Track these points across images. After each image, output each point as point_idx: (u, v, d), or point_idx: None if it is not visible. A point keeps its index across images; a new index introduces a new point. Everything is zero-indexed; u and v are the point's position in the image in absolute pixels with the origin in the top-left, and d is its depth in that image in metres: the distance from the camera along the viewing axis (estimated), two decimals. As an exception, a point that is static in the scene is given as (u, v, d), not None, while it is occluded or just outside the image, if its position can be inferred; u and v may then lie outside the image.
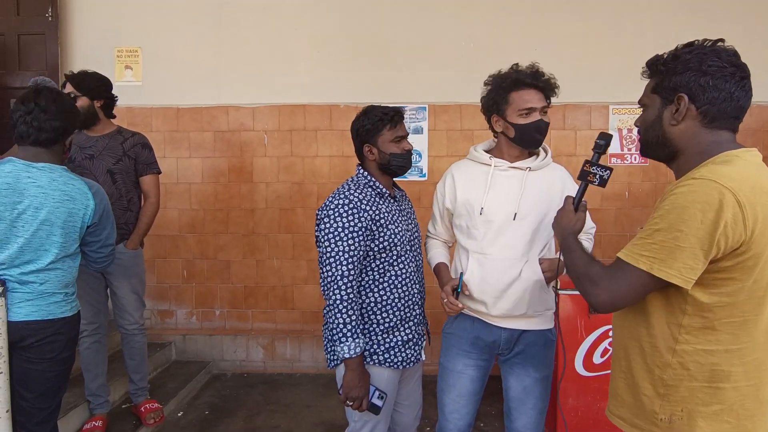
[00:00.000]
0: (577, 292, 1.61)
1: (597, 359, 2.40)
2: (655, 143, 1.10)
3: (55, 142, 1.65)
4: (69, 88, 2.32)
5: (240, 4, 3.41)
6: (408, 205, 1.78)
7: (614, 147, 3.34)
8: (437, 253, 1.76)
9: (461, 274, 1.59)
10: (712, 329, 0.98)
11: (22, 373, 1.62)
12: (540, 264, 1.58)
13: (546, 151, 1.67)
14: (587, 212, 1.61)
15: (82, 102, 2.31)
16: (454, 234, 1.74)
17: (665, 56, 1.07)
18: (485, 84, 1.67)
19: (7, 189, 1.55)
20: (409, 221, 1.73)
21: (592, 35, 3.34)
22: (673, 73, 1.04)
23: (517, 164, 1.61)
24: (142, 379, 2.61)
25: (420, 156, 3.39)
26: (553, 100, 1.64)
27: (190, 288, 3.54)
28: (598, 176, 1.29)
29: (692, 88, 1.01)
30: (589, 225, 1.69)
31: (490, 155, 1.65)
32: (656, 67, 1.08)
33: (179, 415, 2.85)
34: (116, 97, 2.48)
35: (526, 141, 1.59)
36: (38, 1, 3.29)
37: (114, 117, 2.50)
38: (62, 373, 1.69)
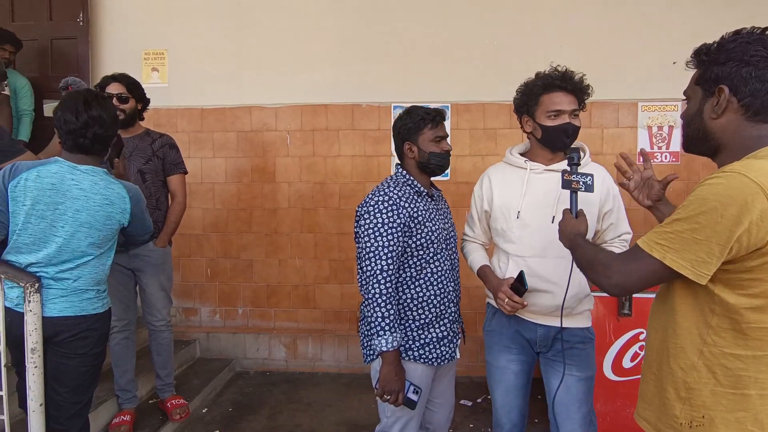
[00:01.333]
0: (605, 294, 1.59)
1: (627, 363, 2.33)
2: (696, 137, 1.06)
3: (102, 150, 1.72)
4: (118, 89, 2.37)
5: (262, 6, 3.44)
6: (444, 204, 1.81)
7: (644, 145, 3.24)
8: (478, 257, 1.76)
9: (522, 272, 1.56)
10: (741, 333, 0.94)
11: (56, 368, 1.67)
12: None
13: (584, 152, 1.64)
14: (625, 217, 1.61)
15: (132, 104, 2.39)
16: (491, 236, 1.75)
17: (711, 45, 1.02)
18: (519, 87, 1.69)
19: (51, 189, 1.59)
20: (446, 220, 1.75)
21: (620, 30, 3.25)
22: (715, 63, 0.99)
23: (552, 167, 1.61)
24: (168, 375, 2.66)
25: (442, 155, 3.37)
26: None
27: (213, 286, 3.59)
28: (581, 183, 1.37)
29: (734, 80, 0.97)
30: (625, 230, 1.66)
31: (525, 158, 1.65)
32: (700, 57, 1.03)
33: (203, 411, 2.90)
34: (149, 100, 2.54)
35: (553, 143, 1.60)
36: (70, 6, 3.39)
37: (143, 119, 2.56)
38: (94, 369, 1.74)
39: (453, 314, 1.71)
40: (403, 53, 3.37)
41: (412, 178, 1.66)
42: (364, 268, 1.57)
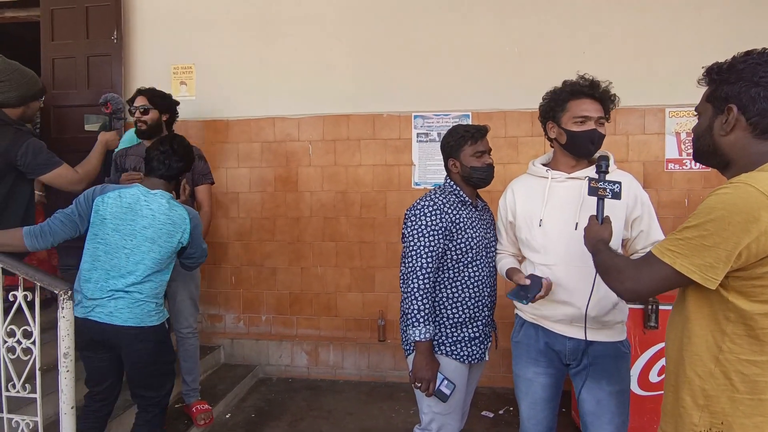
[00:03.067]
0: (631, 306, 1.55)
1: (654, 378, 2.26)
2: (706, 152, 1.11)
3: (174, 178, 1.99)
4: (141, 101, 2.48)
5: (285, 19, 3.52)
6: (489, 216, 1.90)
7: (672, 152, 3.16)
8: (508, 261, 1.79)
9: (531, 276, 1.59)
10: (756, 339, 0.96)
11: (127, 370, 1.89)
12: None
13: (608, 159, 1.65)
14: (658, 225, 1.60)
15: (153, 115, 2.49)
16: (519, 247, 1.78)
17: (723, 64, 1.06)
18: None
19: (127, 208, 1.84)
20: (488, 230, 1.83)
21: (647, 34, 3.18)
22: (725, 82, 1.04)
23: (574, 174, 1.62)
24: (194, 380, 2.72)
25: (463, 164, 3.36)
26: None
27: (238, 294, 3.67)
28: (608, 190, 1.39)
29: (743, 99, 1.01)
30: (657, 237, 1.62)
31: (547, 168, 1.67)
32: (711, 76, 1.08)
33: (227, 416, 2.95)
34: (178, 113, 2.64)
35: (578, 149, 1.60)
36: (105, 25, 3.55)
37: (172, 130, 2.65)
38: (157, 372, 1.90)
39: (486, 317, 1.80)
40: (423, 62, 3.39)
41: (457, 188, 1.79)
42: (406, 264, 1.70)
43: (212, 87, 3.61)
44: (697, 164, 3.14)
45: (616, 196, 1.40)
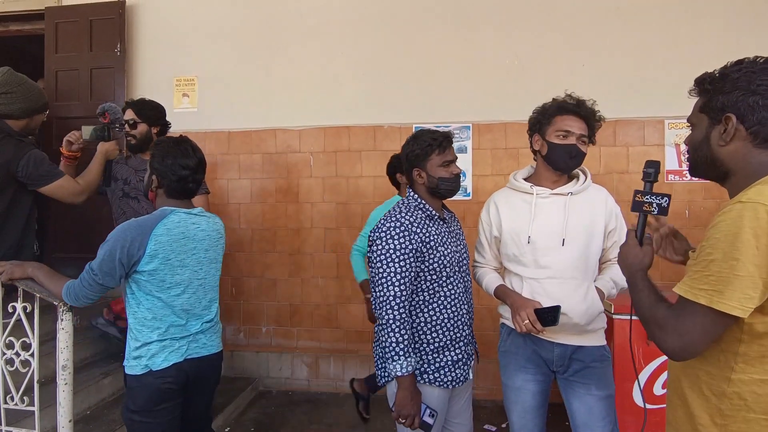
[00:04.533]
0: (635, 317, 1.54)
1: (658, 390, 2.24)
2: (703, 164, 1.07)
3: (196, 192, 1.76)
4: (129, 115, 2.48)
5: (287, 32, 3.56)
6: (457, 226, 1.81)
7: (672, 163, 3.17)
8: (493, 278, 1.77)
9: (559, 307, 1.55)
10: None
11: (201, 402, 1.76)
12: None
13: (585, 174, 1.72)
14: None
15: (142, 128, 2.46)
16: (501, 261, 1.79)
17: (714, 74, 1.04)
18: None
19: (183, 238, 1.63)
20: (458, 242, 1.76)
21: (646, 46, 3.21)
22: (720, 92, 1.01)
23: (558, 190, 1.68)
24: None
25: (464, 175, 3.36)
26: (605, 115, 1.69)
27: (238, 305, 3.65)
28: (654, 205, 1.19)
29: (741, 108, 0.98)
30: None
31: (531, 184, 1.70)
32: (704, 86, 1.05)
33: (226, 430, 2.91)
34: (170, 124, 2.63)
35: (557, 161, 1.65)
36: (108, 38, 3.59)
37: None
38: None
39: (467, 337, 1.73)
40: (424, 74, 3.41)
41: (423, 202, 1.67)
42: (377, 293, 1.58)
43: (214, 99, 3.64)
44: (698, 175, 3.17)
45: (663, 211, 1.18)
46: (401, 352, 1.53)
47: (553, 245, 1.62)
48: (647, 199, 1.20)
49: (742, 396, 0.96)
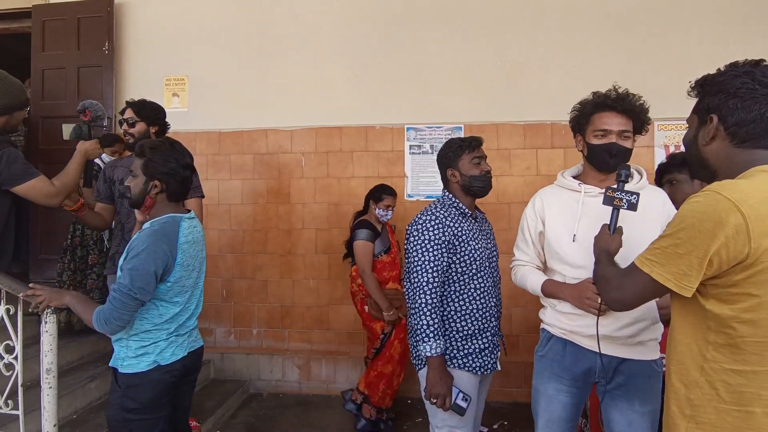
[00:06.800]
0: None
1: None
2: (693, 162, 1.14)
3: None
4: (129, 114, 2.44)
5: (280, 33, 3.54)
6: (488, 226, 1.92)
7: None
8: (538, 275, 1.68)
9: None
10: (737, 347, 0.96)
11: (186, 397, 1.77)
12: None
13: (641, 174, 1.61)
14: None
15: (140, 128, 2.43)
16: (545, 259, 1.69)
17: (708, 76, 1.09)
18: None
19: (193, 242, 1.66)
20: (488, 240, 1.86)
21: (636, 49, 3.24)
22: (708, 94, 1.07)
23: None
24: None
25: (456, 176, 3.36)
26: None
27: (228, 307, 3.61)
28: (625, 201, 1.37)
29: (722, 110, 1.04)
30: None
31: (579, 182, 1.62)
32: (699, 88, 1.11)
33: (216, 434, 2.88)
34: (169, 125, 2.60)
35: (599, 162, 1.58)
36: (97, 36, 3.55)
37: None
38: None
39: (494, 328, 1.81)
40: (416, 75, 3.41)
41: (457, 200, 1.79)
42: (412, 280, 1.69)
43: (205, 99, 3.61)
44: (687, 176, 3.20)
45: (632, 207, 1.36)
46: (431, 334, 1.64)
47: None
48: (618, 195, 1.39)
49: (714, 385, 0.98)
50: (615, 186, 1.40)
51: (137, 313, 1.56)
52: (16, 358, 1.79)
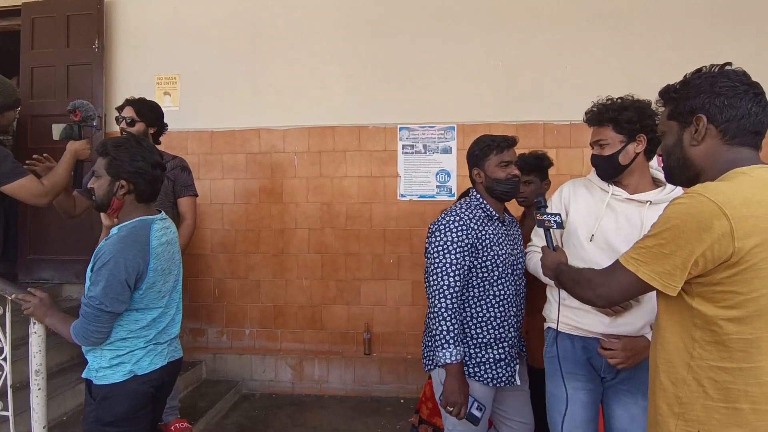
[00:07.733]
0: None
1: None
2: (677, 167, 1.14)
3: None
4: (128, 113, 2.42)
5: (273, 32, 3.52)
6: (516, 230, 1.84)
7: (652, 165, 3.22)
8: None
9: None
10: (723, 345, 0.98)
11: (160, 402, 1.70)
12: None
13: (664, 184, 1.60)
14: None
15: (139, 127, 2.42)
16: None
17: (676, 85, 1.12)
18: None
19: (167, 244, 1.57)
20: (515, 246, 1.78)
21: (628, 49, 3.26)
22: (686, 98, 1.09)
23: (636, 196, 1.54)
24: (173, 397, 2.63)
25: (449, 176, 3.37)
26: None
27: (221, 307, 3.59)
28: (553, 222, 1.51)
29: (709, 109, 1.05)
30: None
31: (609, 183, 1.60)
32: (668, 95, 1.14)
33: (208, 435, 2.86)
34: (167, 126, 2.58)
35: (599, 174, 1.62)
36: (87, 34, 3.50)
37: (160, 144, 2.59)
38: None
39: (512, 338, 1.73)
40: (409, 75, 3.41)
41: (484, 201, 1.73)
42: (432, 283, 1.64)
43: (197, 98, 3.58)
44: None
45: (560, 226, 1.51)
46: (451, 341, 1.59)
47: (617, 251, 1.44)
48: (546, 218, 1.52)
49: (701, 382, 0.99)
50: (540, 212, 1.54)
51: (119, 323, 1.50)
52: (5, 359, 1.77)
